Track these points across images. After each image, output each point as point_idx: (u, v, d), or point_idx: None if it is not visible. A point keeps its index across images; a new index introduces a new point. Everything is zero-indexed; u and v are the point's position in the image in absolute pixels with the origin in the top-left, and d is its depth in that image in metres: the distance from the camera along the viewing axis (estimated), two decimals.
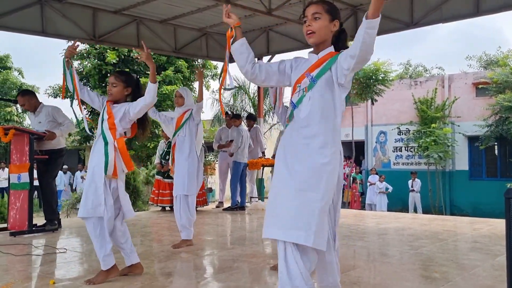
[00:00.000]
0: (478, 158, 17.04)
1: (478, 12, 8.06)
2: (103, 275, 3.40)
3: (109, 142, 3.39)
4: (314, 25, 2.44)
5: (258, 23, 9.78)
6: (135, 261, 3.58)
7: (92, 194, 3.33)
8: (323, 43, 2.49)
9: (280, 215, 2.32)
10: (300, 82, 2.48)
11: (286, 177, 2.36)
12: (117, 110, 3.48)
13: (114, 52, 16.90)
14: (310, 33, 2.46)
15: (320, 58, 2.47)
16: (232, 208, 8.36)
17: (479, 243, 5.08)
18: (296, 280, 2.25)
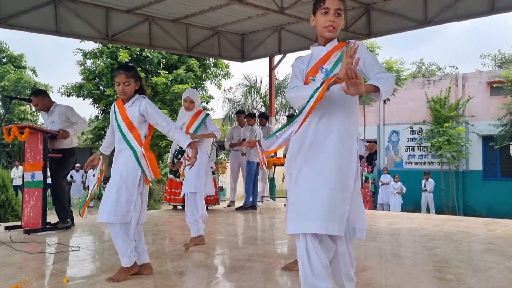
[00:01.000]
0: (492, 158, 16.83)
1: (493, 10, 7.95)
2: (126, 272, 3.43)
3: (137, 150, 3.41)
4: (336, 21, 2.46)
5: (270, 22, 9.76)
6: (145, 261, 3.59)
7: (124, 200, 3.35)
8: (334, 39, 2.53)
9: (301, 208, 2.37)
10: (313, 75, 2.48)
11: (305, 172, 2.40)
12: (131, 113, 3.45)
13: (126, 51, 17.02)
14: (332, 27, 2.45)
15: (330, 50, 2.48)
16: (245, 207, 8.35)
17: (494, 244, 5.00)
18: (317, 269, 2.34)
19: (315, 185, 2.37)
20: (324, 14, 2.46)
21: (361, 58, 2.38)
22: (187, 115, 4.83)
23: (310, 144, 2.44)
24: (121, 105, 3.51)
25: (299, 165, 2.45)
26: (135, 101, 3.48)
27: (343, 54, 2.39)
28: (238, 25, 10.01)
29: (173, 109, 17.55)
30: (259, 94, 20.33)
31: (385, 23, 9.06)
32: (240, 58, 10.98)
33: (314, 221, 2.32)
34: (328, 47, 2.51)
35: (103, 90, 17.99)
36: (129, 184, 3.37)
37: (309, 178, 2.40)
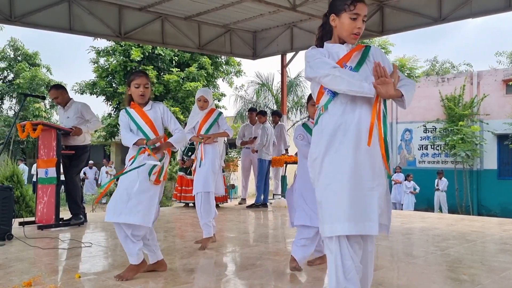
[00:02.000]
0: (507, 157, 16.58)
1: (510, 6, 7.81)
2: (135, 269, 3.42)
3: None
4: (362, 28, 2.40)
5: (282, 19, 9.72)
6: (160, 258, 3.60)
7: (155, 203, 3.38)
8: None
9: (347, 208, 2.28)
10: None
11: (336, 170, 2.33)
12: (154, 116, 3.50)
13: (139, 49, 17.08)
14: (358, 34, 2.40)
15: (351, 50, 2.42)
16: (256, 205, 8.34)
17: (509, 244, 4.92)
18: (350, 273, 2.29)
19: (342, 184, 2.29)
20: (353, 20, 2.36)
21: (377, 59, 2.37)
22: (200, 113, 4.81)
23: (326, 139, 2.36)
24: (139, 109, 3.52)
25: (323, 161, 2.37)
26: (153, 105, 3.55)
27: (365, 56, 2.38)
28: (250, 23, 9.98)
29: (185, 107, 17.59)
30: (271, 92, 20.27)
31: (399, 20, 8.97)
32: (252, 56, 10.96)
33: (350, 223, 2.26)
34: (347, 46, 2.44)
35: (115, 88, 18.10)
36: (150, 186, 3.39)
37: (333, 175, 2.33)
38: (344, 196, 2.28)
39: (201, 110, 4.81)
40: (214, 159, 4.70)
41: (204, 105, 4.79)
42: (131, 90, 3.47)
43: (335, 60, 2.39)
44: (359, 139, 2.32)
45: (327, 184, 2.34)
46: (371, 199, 2.29)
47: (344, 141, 2.32)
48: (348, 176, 2.29)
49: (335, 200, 2.30)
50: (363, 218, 2.27)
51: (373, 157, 2.33)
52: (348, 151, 2.31)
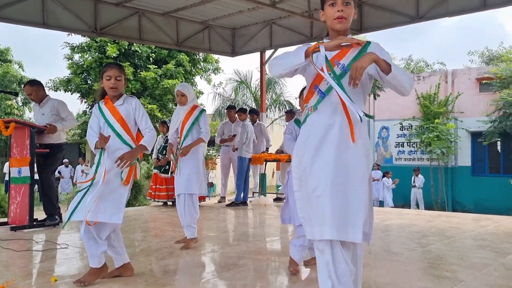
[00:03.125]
0: (481, 154, 16.94)
1: (485, 6, 7.94)
2: (96, 273, 3.26)
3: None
4: (346, 11, 2.32)
5: (262, 16, 9.67)
6: (126, 261, 3.44)
7: (123, 201, 3.25)
8: (345, 31, 2.38)
9: (331, 213, 2.23)
10: (329, 70, 2.32)
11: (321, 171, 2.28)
12: (125, 112, 3.33)
13: (115, 46, 16.78)
14: (341, 18, 2.32)
15: (348, 47, 2.34)
16: (236, 203, 8.28)
17: (487, 240, 4.99)
18: (344, 277, 2.25)
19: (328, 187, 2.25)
20: (331, 6, 2.33)
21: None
22: (181, 110, 4.70)
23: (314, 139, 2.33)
24: (110, 105, 3.35)
25: (309, 162, 2.32)
26: (125, 100, 3.37)
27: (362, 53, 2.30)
28: (229, 19, 9.90)
29: (162, 104, 17.38)
30: (249, 90, 20.21)
31: (377, 18, 9.02)
32: (231, 53, 10.88)
33: (333, 228, 2.21)
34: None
35: (91, 85, 17.75)
36: (127, 185, 3.28)
37: (320, 177, 2.28)
38: (330, 200, 2.23)
39: (181, 105, 4.71)
40: (198, 159, 4.62)
41: (182, 100, 4.68)
42: (103, 82, 3.34)
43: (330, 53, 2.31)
44: (346, 141, 2.28)
45: (315, 186, 2.29)
46: (358, 203, 2.24)
47: (333, 142, 2.28)
48: (333, 179, 2.25)
49: (322, 203, 2.25)
50: (347, 223, 2.22)
51: (359, 160, 2.29)
52: (335, 153, 2.27)
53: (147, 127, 3.35)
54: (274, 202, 8.82)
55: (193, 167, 4.56)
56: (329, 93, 2.32)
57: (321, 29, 9.50)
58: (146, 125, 3.35)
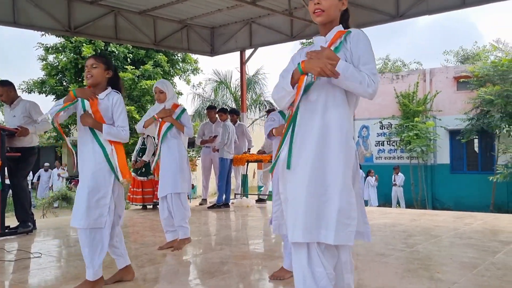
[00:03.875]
0: (459, 151, 17.12)
1: (464, 4, 7.95)
2: (90, 286, 3.07)
3: (106, 148, 3.12)
4: (323, 2, 2.20)
5: (241, 15, 9.52)
6: (128, 263, 3.33)
7: (96, 204, 3.04)
8: (331, 23, 2.26)
9: (303, 215, 2.13)
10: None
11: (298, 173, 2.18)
12: (104, 107, 3.14)
13: (91, 46, 16.41)
14: (318, 11, 2.21)
15: (330, 41, 2.23)
16: (218, 205, 8.10)
17: (473, 239, 4.94)
18: (322, 281, 2.13)
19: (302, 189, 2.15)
20: (311, 0, 2.24)
21: (353, 43, 2.18)
22: (160, 107, 4.51)
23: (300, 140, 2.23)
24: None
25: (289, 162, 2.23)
26: (108, 94, 3.20)
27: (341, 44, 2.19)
28: (208, 18, 9.71)
29: (140, 106, 17.05)
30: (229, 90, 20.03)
31: (357, 16, 8.95)
32: (210, 53, 10.70)
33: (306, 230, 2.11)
34: (328, 37, 2.26)
35: (66, 86, 17.31)
36: (101, 185, 3.07)
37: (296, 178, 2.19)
38: (302, 203, 2.14)
39: (160, 102, 4.52)
40: (181, 157, 4.45)
41: (161, 97, 4.50)
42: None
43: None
44: (326, 141, 2.17)
45: (292, 188, 2.22)
46: (333, 205, 2.13)
47: (311, 143, 2.18)
48: (309, 180, 2.15)
49: (295, 206, 2.17)
50: (320, 225, 2.12)
51: (338, 160, 2.17)
52: (314, 154, 2.17)
53: (122, 126, 3.16)
54: (256, 204, 8.67)
55: (177, 166, 4.40)
56: (307, 91, 2.22)
57: (302, 27, 9.41)
58: (122, 123, 3.16)
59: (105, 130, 3.09)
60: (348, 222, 2.14)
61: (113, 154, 3.12)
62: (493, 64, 15.46)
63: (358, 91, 2.16)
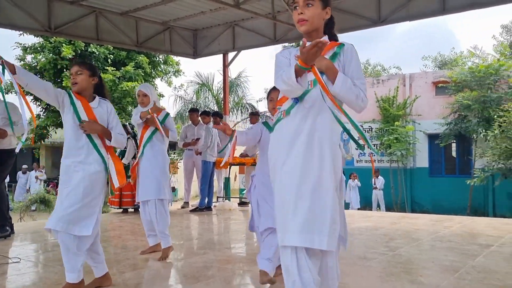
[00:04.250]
0: (437, 155, 17.41)
1: (444, 10, 8.09)
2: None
3: (104, 155, 3.12)
4: (306, 12, 2.26)
5: (224, 17, 9.50)
6: (105, 271, 3.26)
7: (89, 211, 3.00)
8: (315, 32, 2.31)
9: (292, 218, 2.15)
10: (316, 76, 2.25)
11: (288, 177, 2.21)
12: (100, 116, 3.14)
13: (70, 47, 16.11)
14: (302, 20, 2.25)
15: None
16: (200, 209, 8.05)
17: (453, 242, 5.02)
18: (309, 286, 2.15)
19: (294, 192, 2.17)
20: (295, 9, 2.29)
21: (347, 59, 2.26)
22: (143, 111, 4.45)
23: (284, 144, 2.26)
24: (86, 103, 3.15)
25: (279, 167, 2.25)
26: (100, 102, 3.21)
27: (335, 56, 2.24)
28: (191, 20, 9.67)
29: (121, 108, 16.83)
30: (211, 92, 19.96)
31: (339, 21, 8.95)
32: (193, 55, 10.65)
33: (301, 234, 2.12)
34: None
35: None
36: (95, 193, 3.04)
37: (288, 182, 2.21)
38: (294, 206, 2.16)
39: (143, 106, 4.47)
40: (165, 162, 4.40)
41: (144, 100, 4.45)
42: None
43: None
44: (315, 147, 2.21)
45: (282, 192, 2.24)
46: (323, 210, 2.15)
47: (301, 148, 2.22)
48: (299, 185, 2.18)
49: (287, 210, 2.19)
50: (313, 230, 2.14)
51: (326, 166, 2.20)
52: (303, 158, 2.20)
53: (122, 134, 3.23)
54: (239, 207, 8.65)
55: (161, 170, 4.35)
56: (303, 99, 2.26)
57: (285, 31, 9.44)
58: (121, 130, 3.25)
59: (114, 137, 3.14)
60: (335, 227, 2.16)
61: (110, 162, 3.12)
62: (471, 70, 15.79)
63: (352, 103, 2.24)
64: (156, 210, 4.28)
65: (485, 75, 15.25)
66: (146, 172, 4.36)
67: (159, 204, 4.31)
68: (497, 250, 4.56)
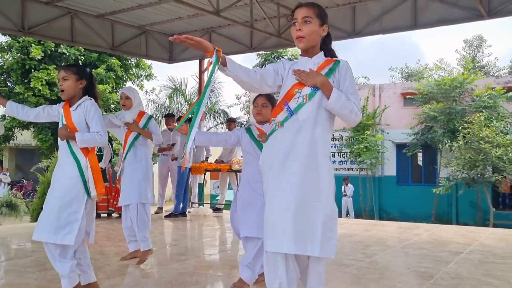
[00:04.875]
0: (405, 164, 17.91)
1: (416, 25, 8.39)
2: None
3: (81, 160, 3.03)
4: (304, 29, 2.35)
5: (201, 24, 9.53)
6: (92, 280, 3.20)
7: (67, 219, 2.94)
8: (312, 48, 2.42)
9: (291, 226, 2.23)
10: (300, 88, 2.37)
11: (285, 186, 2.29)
12: (77, 118, 3.05)
13: (40, 47, 15.75)
14: (300, 37, 2.35)
15: (319, 66, 2.39)
16: (175, 214, 8.01)
17: (425, 249, 5.21)
18: (293, 286, 2.29)
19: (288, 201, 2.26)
20: (294, 25, 2.38)
21: (341, 76, 2.35)
22: (126, 115, 4.43)
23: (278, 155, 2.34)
24: (66, 108, 3.10)
25: (274, 178, 2.34)
26: (80, 104, 3.10)
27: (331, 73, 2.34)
28: (167, 25, 9.64)
29: None
30: (184, 97, 19.87)
31: None
32: (169, 60, 10.62)
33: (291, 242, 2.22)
34: (316, 60, 2.41)
35: (12, 87, 16.52)
36: (75, 200, 2.99)
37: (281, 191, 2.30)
38: (289, 214, 2.25)
39: (125, 109, 4.45)
40: (148, 166, 4.39)
41: (126, 103, 4.43)
42: None
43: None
44: (309, 158, 2.30)
45: (274, 200, 2.32)
46: (317, 219, 2.25)
47: (296, 160, 2.30)
48: (294, 194, 2.26)
49: (280, 216, 2.27)
50: (306, 238, 2.24)
51: (321, 177, 2.31)
52: (299, 170, 2.29)
53: (97, 131, 3.06)
54: (213, 213, 8.66)
55: (143, 175, 4.33)
56: (298, 111, 2.35)
57: (261, 39, 9.56)
58: (96, 128, 3.06)
59: (78, 138, 3.02)
60: (330, 235, 2.24)
61: (88, 168, 3.04)
62: (437, 82, 16.36)
63: (346, 118, 2.34)
64: (137, 214, 4.28)
65: (451, 88, 15.84)
66: (128, 177, 4.35)
67: (141, 208, 4.30)
68: (467, 257, 4.76)
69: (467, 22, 8.20)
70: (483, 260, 4.63)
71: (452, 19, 8.04)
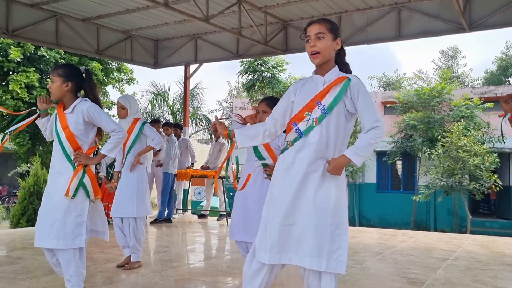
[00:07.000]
0: (385, 171, 18.21)
1: (400, 37, 8.58)
2: None
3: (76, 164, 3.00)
4: (318, 45, 2.37)
5: (187, 30, 9.55)
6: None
7: (74, 223, 2.91)
8: (327, 63, 2.43)
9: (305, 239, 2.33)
10: (310, 110, 2.38)
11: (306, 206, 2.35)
12: (73, 121, 2.98)
13: (19, 49, 15.45)
14: (314, 53, 2.38)
15: (329, 84, 2.39)
16: (159, 220, 7.96)
17: (413, 256, 5.31)
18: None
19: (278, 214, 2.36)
20: (307, 43, 2.41)
21: (354, 95, 2.36)
22: (122, 124, 4.39)
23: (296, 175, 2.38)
24: (60, 112, 3.02)
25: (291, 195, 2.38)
26: (76, 106, 2.99)
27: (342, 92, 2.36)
28: (153, 31, 9.64)
29: None
30: (166, 103, 19.75)
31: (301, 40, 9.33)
32: (153, 65, 10.59)
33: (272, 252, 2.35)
34: (327, 78, 2.42)
35: None
36: (78, 204, 2.96)
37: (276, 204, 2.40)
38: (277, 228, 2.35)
39: (120, 118, 4.42)
40: (141, 177, 4.36)
41: (121, 113, 4.39)
42: None
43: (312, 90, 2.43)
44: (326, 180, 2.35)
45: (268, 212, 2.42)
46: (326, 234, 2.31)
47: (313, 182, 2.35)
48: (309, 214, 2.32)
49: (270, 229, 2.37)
50: (290, 249, 2.34)
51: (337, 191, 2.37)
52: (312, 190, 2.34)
53: (112, 130, 3.02)
54: (198, 219, 8.63)
55: (134, 188, 4.29)
56: (308, 133, 2.38)
57: (247, 47, 9.61)
58: (109, 127, 3.02)
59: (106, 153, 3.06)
60: (341, 251, 2.35)
61: (85, 173, 3.00)
62: (416, 92, 16.72)
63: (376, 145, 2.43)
64: (129, 227, 4.26)
65: (429, 97, 16.21)
66: (120, 188, 4.33)
67: (132, 222, 4.28)
68: (453, 263, 4.88)
69: (449, 34, 8.42)
70: (470, 266, 4.75)
71: (434, 31, 8.24)
